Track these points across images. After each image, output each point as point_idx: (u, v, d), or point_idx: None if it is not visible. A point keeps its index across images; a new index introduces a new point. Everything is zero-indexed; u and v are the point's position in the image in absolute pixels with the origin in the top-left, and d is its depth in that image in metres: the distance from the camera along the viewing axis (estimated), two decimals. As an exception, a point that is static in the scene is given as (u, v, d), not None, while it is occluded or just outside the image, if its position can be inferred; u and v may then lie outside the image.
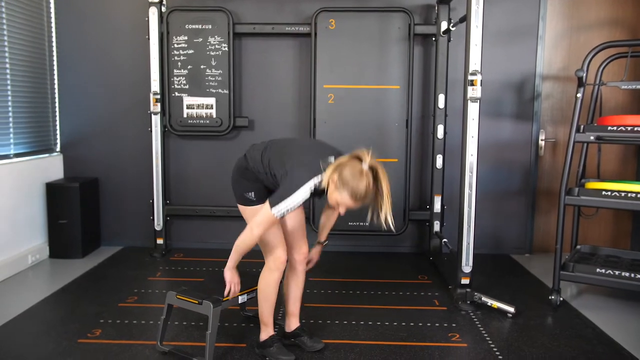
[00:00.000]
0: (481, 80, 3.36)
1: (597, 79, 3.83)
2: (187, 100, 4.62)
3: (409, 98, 4.50)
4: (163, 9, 4.52)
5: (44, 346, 2.88)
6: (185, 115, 4.63)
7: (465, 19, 3.44)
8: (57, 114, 4.79)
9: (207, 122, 4.63)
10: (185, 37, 4.55)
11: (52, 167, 4.70)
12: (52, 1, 4.66)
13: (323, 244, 2.91)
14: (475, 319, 3.32)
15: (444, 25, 4.37)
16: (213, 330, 2.63)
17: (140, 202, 4.84)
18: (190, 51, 4.57)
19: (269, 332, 2.77)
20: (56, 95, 4.77)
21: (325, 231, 2.91)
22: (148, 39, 4.50)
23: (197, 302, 2.66)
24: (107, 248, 4.87)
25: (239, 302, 2.82)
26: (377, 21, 4.47)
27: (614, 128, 3.36)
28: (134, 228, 4.91)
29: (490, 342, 3.00)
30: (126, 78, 4.75)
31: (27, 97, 4.37)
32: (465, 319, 3.34)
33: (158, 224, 4.68)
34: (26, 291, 3.75)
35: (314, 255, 2.89)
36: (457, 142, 3.85)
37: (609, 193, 3.38)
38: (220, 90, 4.60)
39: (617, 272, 3.41)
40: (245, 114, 4.75)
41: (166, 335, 2.86)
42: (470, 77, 3.36)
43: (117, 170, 4.86)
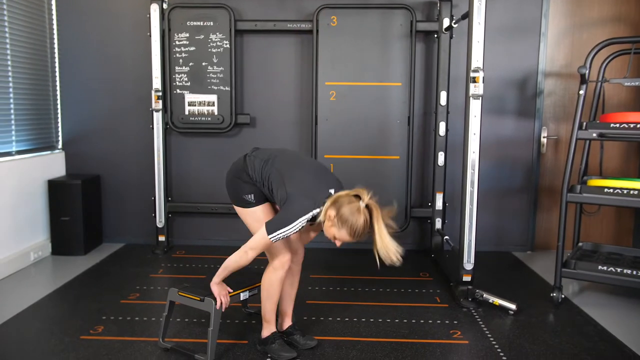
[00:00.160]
0: (483, 77, 3.35)
1: (599, 75, 3.81)
2: (189, 97, 4.62)
3: (411, 95, 4.50)
4: (164, 5, 4.51)
5: (47, 342, 2.88)
6: (186, 113, 4.63)
7: (467, 16, 3.44)
8: (58, 111, 4.79)
9: (209, 119, 4.63)
10: (187, 34, 4.55)
11: (54, 164, 4.71)
12: (53, -2, 4.67)
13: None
14: (476, 316, 3.32)
15: (446, 22, 4.36)
16: (215, 327, 2.63)
17: (142, 199, 4.85)
18: (192, 48, 4.56)
19: (271, 329, 2.77)
20: (58, 93, 4.78)
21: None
22: (149, 36, 4.50)
23: (198, 299, 2.67)
24: (109, 245, 4.87)
25: (241, 299, 2.82)
26: (379, 18, 4.46)
27: (617, 125, 3.36)
28: (135, 225, 4.91)
29: (491, 339, 3.01)
30: (128, 75, 4.75)
31: (28, 94, 4.38)
32: (467, 316, 3.34)
33: (160, 221, 4.68)
34: (29, 288, 3.76)
35: None
36: (459, 139, 3.85)
37: (611, 190, 3.37)
38: (221, 88, 4.60)
39: (619, 270, 3.40)
40: (247, 111, 4.75)
41: (168, 331, 2.86)
42: (472, 74, 3.35)
43: (118, 168, 4.86)
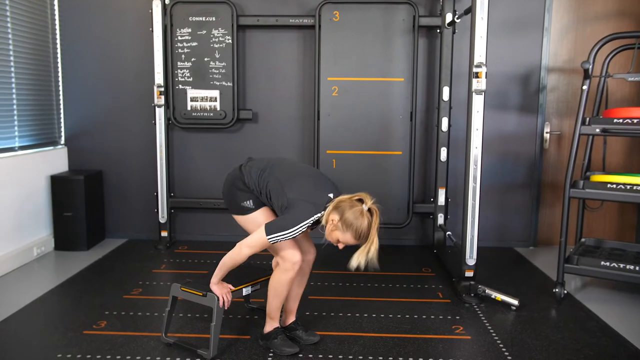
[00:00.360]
0: (486, 73, 3.34)
1: (603, 71, 3.80)
2: (191, 92, 4.62)
3: (414, 90, 4.49)
4: (166, 1, 4.50)
5: (50, 337, 2.89)
6: (189, 108, 4.63)
7: (470, 11, 3.42)
8: (61, 106, 4.80)
9: (211, 114, 4.62)
10: (189, 30, 4.54)
11: (57, 159, 4.71)
12: (55, -7, 4.67)
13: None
14: (479, 312, 3.32)
15: (448, 17, 4.34)
16: (217, 322, 2.63)
17: (144, 194, 4.85)
18: (194, 44, 4.56)
19: (274, 324, 2.77)
20: (60, 88, 4.78)
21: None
22: (152, 31, 4.49)
23: (201, 294, 2.67)
24: (111, 240, 4.89)
25: (243, 295, 2.83)
26: (381, 13, 4.45)
27: (620, 120, 3.35)
28: (138, 220, 4.92)
29: (494, 334, 3.01)
30: (130, 71, 4.75)
31: (31, 90, 4.38)
32: (469, 311, 3.34)
33: (162, 217, 4.69)
34: (32, 283, 3.77)
35: None
36: (462, 135, 3.84)
37: (614, 186, 3.36)
38: (224, 83, 4.59)
39: (621, 265, 3.40)
40: (249, 106, 4.74)
41: (171, 327, 2.87)
42: (475, 70, 3.35)
43: (121, 163, 4.87)
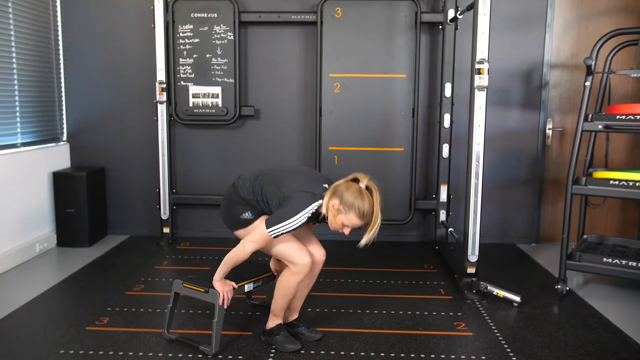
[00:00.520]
0: (488, 69, 3.33)
1: (606, 67, 3.79)
2: (193, 89, 4.61)
3: (416, 87, 4.48)
4: (168, -3, 4.51)
5: (52, 333, 2.90)
6: (191, 105, 4.63)
7: (472, 7, 3.41)
8: (63, 103, 4.80)
9: (213, 111, 4.62)
10: (191, 26, 4.53)
11: (59, 156, 4.72)
12: (57, -10, 4.67)
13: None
14: (481, 308, 3.32)
15: (451, 13, 4.33)
16: (219, 318, 2.64)
17: (146, 191, 4.86)
18: (196, 40, 4.55)
19: (277, 321, 2.78)
20: (62, 85, 4.78)
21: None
22: (153, 27, 4.49)
23: (203, 290, 2.67)
24: (114, 237, 4.89)
25: (245, 291, 2.83)
26: (383, 9, 4.43)
27: (623, 117, 3.34)
28: (140, 217, 4.93)
29: (495, 331, 3.01)
30: (132, 67, 4.75)
31: (33, 86, 4.38)
32: (471, 308, 3.34)
33: (164, 213, 4.69)
34: (34, 279, 3.78)
35: None
36: (464, 131, 3.84)
37: (616, 182, 3.36)
38: (226, 79, 4.59)
39: (624, 262, 3.39)
40: (251, 103, 4.74)
41: (173, 323, 2.88)
42: (477, 66, 3.34)
43: (123, 160, 4.87)
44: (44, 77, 4.53)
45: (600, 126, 3.41)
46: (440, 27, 4.51)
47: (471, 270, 3.53)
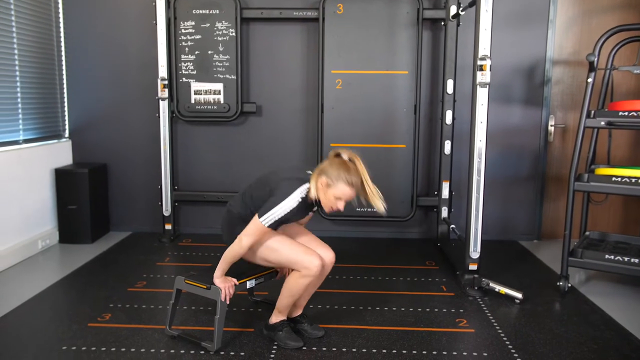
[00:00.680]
0: (490, 65, 3.33)
1: (608, 63, 3.78)
2: (195, 85, 4.61)
3: (418, 83, 4.47)
4: (170, -6, 4.50)
5: (55, 330, 2.91)
6: (192, 101, 4.62)
7: (474, 3, 3.40)
8: (65, 99, 4.80)
9: (215, 107, 4.62)
10: (193, 23, 4.53)
11: (61, 153, 4.72)
12: (59, -14, 4.66)
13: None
14: (482, 305, 3.32)
15: (453, 10, 4.32)
16: (221, 315, 2.64)
17: (148, 187, 4.86)
18: (198, 36, 4.55)
19: (281, 317, 2.78)
20: (64, 81, 4.78)
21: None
22: (155, 24, 4.48)
23: (205, 287, 2.68)
24: (116, 233, 4.90)
25: (247, 287, 2.83)
26: (385, 6, 4.42)
27: (625, 113, 3.33)
28: (142, 213, 4.93)
29: (497, 327, 3.01)
30: (134, 64, 4.75)
31: (35, 83, 4.38)
32: (473, 304, 3.34)
33: (166, 210, 4.70)
34: (37, 276, 3.79)
35: None
36: (466, 128, 3.83)
37: (619, 179, 3.35)
38: (227, 76, 4.58)
39: (626, 259, 3.39)
40: (253, 99, 4.74)
41: (175, 319, 2.88)
42: (479, 62, 3.33)
43: (125, 156, 4.87)
44: (46, 74, 4.53)
45: (602, 123, 3.40)
46: (443, 23, 4.50)
47: (473, 267, 3.52)
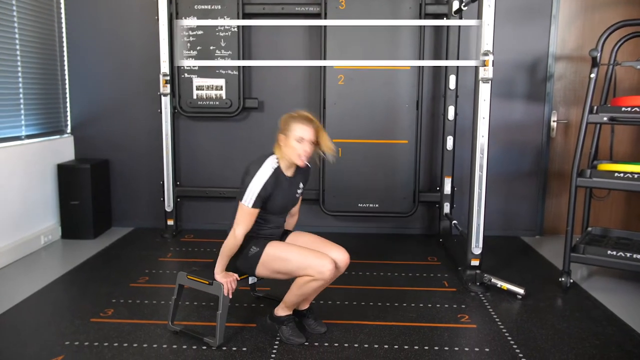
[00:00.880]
0: (493, 61, 3.32)
1: (611, 58, 3.76)
2: (197, 81, 4.61)
3: (420, 79, 4.46)
4: (172, -11, 4.49)
5: (57, 325, 2.92)
6: (194, 97, 4.62)
7: (477, -2, 3.39)
8: (67, 95, 4.80)
9: (217, 103, 4.62)
10: (195, 18, 4.52)
11: (63, 148, 4.73)
12: (60, -18, 4.65)
13: None
14: (484, 301, 3.33)
15: (455, 5, 4.30)
16: (223, 310, 2.65)
17: (150, 183, 4.86)
18: (200, 32, 4.54)
19: (287, 312, 2.78)
20: (66, 77, 4.78)
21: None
22: (157, 19, 4.48)
23: (207, 282, 2.68)
24: (118, 229, 4.91)
25: (249, 283, 2.84)
26: (387, 1, 4.40)
27: (628, 109, 3.32)
28: (144, 209, 4.94)
29: (499, 323, 3.01)
30: (135, 59, 4.74)
31: (37, 79, 4.38)
32: (475, 300, 3.34)
33: (168, 205, 4.70)
34: (39, 271, 3.80)
35: None
36: (468, 124, 3.83)
37: (621, 175, 3.35)
38: (229, 72, 4.58)
39: (628, 254, 3.38)
40: (255, 95, 4.73)
41: (177, 315, 2.88)
42: (482, 58, 3.32)
43: (127, 152, 4.88)
44: (48, 70, 4.53)
45: (605, 118, 3.39)
46: (445, 18, 4.48)
47: (475, 262, 3.52)
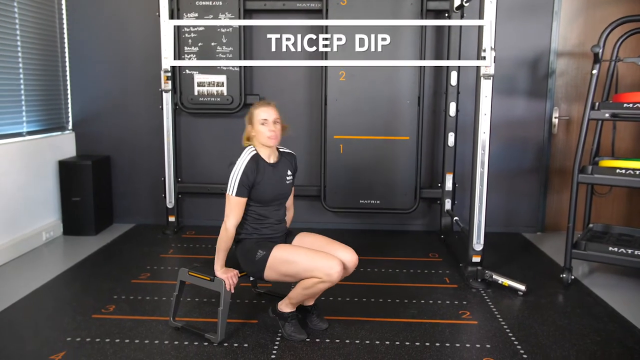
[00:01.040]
0: (495, 57, 3.31)
1: (613, 55, 3.76)
2: (198, 77, 4.60)
3: (421, 75, 4.45)
4: (173, -15, 4.48)
5: (59, 321, 2.92)
6: (196, 93, 4.62)
7: (479, -6, 3.38)
8: (68, 91, 4.80)
9: (218, 99, 4.62)
10: (196, 14, 4.51)
11: (65, 145, 4.73)
12: (61, -22, 4.65)
13: None
14: (485, 297, 3.33)
15: (457, 1, 4.27)
16: (225, 306, 2.65)
17: (152, 179, 4.86)
18: (201, 28, 4.53)
19: (291, 308, 2.78)
20: (67, 73, 4.78)
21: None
22: (158, 16, 4.47)
23: (209, 278, 2.69)
24: (119, 225, 4.91)
25: (251, 279, 2.84)
26: (389, -3, 4.40)
27: (630, 105, 3.31)
28: (146, 206, 4.94)
29: (500, 319, 3.01)
30: (137, 56, 4.74)
31: (38, 75, 4.38)
32: (476, 296, 3.34)
33: (170, 202, 4.70)
34: (41, 268, 3.80)
35: None
36: (470, 120, 3.82)
37: (623, 171, 3.34)
38: (231, 68, 4.57)
39: (629, 251, 3.39)
40: (256, 91, 4.73)
41: (179, 311, 2.89)
42: (483, 54, 3.31)
43: (128, 148, 4.88)
44: (49, 66, 4.53)
45: (607, 115, 3.38)
46: (447, 14, 4.47)
47: (476, 259, 3.53)
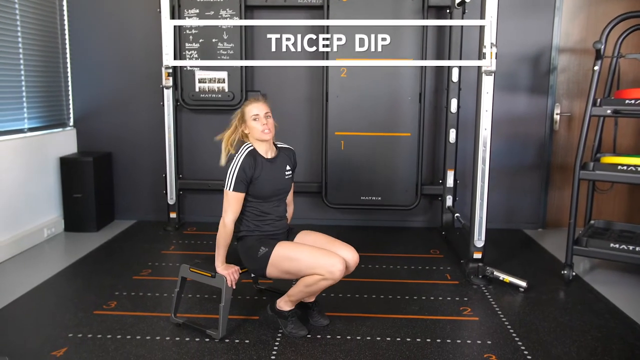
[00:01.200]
0: (496, 53, 3.30)
1: (615, 51, 3.74)
2: (199, 74, 4.60)
3: (423, 71, 4.44)
4: (174, -19, 4.47)
5: (61, 317, 2.93)
6: (197, 89, 4.61)
7: (480, -10, 3.37)
8: (69, 88, 4.80)
9: (219, 96, 4.61)
10: (197, 11, 4.50)
11: (66, 141, 4.73)
12: (62, -26, 4.64)
13: None
14: (487, 293, 3.33)
15: (458, -3, 4.28)
16: (226, 302, 2.66)
17: (153, 176, 4.87)
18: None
19: (291, 306, 2.78)
20: (69, 70, 4.77)
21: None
22: (159, 12, 4.46)
23: (210, 275, 2.69)
24: (121, 222, 4.92)
25: (252, 276, 2.84)
26: (390, -7, 4.39)
27: (632, 101, 3.31)
28: (147, 202, 4.95)
29: (501, 316, 3.01)
30: (138, 52, 4.73)
31: (39, 71, 4.38)
32: (477, 293, 3.34)
33: (171, 198, 4.70)
34: (42, 264, 3.81)
35: None
36: (471, 116, 3.81)
37: (624, 168, 3.34)
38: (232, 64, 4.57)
39: (631, 247, 3.38)
40: (257, 87, 4.72)
41: (180, 307, 2.90)
42: (485, 50, 3.30)
43: (130, 145, 4.88)
44: (50, 63, 4.53)
45: (608, 111, 3.38)
46: (448, 11, 4.46)
47: (477, 255, 3.53)
